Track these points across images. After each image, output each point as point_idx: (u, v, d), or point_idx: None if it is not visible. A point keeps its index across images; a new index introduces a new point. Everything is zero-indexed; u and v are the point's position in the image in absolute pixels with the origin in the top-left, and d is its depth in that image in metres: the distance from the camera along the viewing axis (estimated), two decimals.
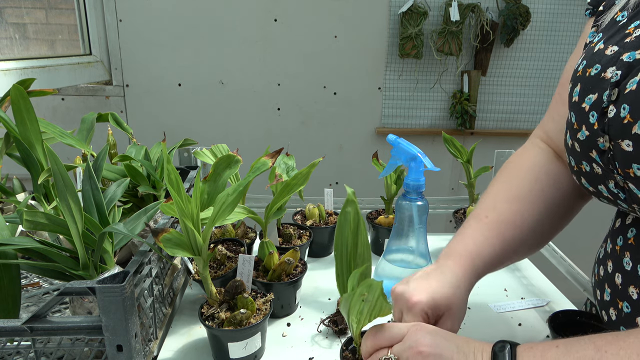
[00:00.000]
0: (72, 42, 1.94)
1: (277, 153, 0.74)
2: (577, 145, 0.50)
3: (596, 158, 0.48)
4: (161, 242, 0.58)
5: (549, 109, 0.68)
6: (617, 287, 0.52)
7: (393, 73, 2.10)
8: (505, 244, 0.59)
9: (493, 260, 0.59)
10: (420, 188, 0.77)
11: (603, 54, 0.49)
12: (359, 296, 0.47)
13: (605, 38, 0.51)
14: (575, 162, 0.52)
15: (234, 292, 0.66)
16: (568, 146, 0.53)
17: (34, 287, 0.80)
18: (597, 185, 0.51)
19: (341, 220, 0.52)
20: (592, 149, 0.48)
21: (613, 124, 0.44)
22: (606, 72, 0.47)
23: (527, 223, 0.60)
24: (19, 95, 0.68)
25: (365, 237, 0.52)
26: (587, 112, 0.48)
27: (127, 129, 0.93)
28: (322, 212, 1.03)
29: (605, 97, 0.46)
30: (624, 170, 0.44)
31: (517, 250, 0.61)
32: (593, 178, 0.50)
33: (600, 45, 0.50)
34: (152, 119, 2.09)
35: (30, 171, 0.74)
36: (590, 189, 0.52)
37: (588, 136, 0.48)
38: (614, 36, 0.49)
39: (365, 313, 0.49)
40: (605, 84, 0.46)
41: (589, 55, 0.51)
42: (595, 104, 0.47)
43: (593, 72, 0.48)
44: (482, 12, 1.97)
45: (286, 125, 2.16)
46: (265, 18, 2.01)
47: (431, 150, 2.19)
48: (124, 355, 0.52)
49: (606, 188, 0.49)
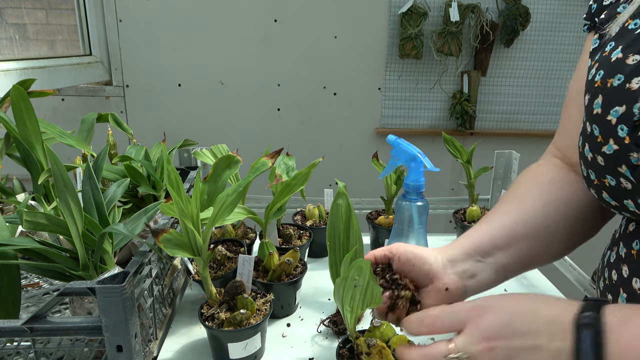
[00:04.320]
0: (72, 43, 1.94)
1: (277, 153, 0.74)
2: (600, 159, 0.49)
3: (626, 173, 0.46)
4: (161, 243, 0.58)
5: (560, 126, 0.66)
6: (634, 292, 0.50)
7: (393, 73, 2.10)
8: (495, 228, 0.58)
9: (480, 239, 0.57)
10: (420, 188, 0.77)
11: (624, 63, 0.47)
12: (350, 281, 0.47)
13: (623, 47, 0.49)
14: (596, 176, 0.50)
15: (234, 292, 0.66)
16: (587, 160, 0.51)
17: (34, 287, 0.80)
18: (622, 200, 0.49)
19: (333, 212, 0.53)
20: (622, 164, 0.46)
21: None
22: (631, 82, 0.45)
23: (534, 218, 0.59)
24: (19, 95, 0.68)
25: (357, 228, 0.53)
26: (615, 125, 0.46)
27: (127, 130, 0.93)
28: (322, 212, 1.03)
29: (637, 110, 0.44)
30: None
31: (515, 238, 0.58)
32: (619, 193, 0.49)
33: (619, 55, 0.48)
34: (152, 119, 2.09)
35: (30, 171, 0.74)
36: (613, 203, 0.50)
37: (617, 150, 0.46)
38: (633, 45, 0.48)
39: (358, 299, 0.49)
40: (633, 95, 0.44)
41: (606, 64, 0.49)
42: (625, 117, 0.45)
43: (615, 82, 0.47)
44: (482, 12, 1.97)
45: (286, 125, 2.16)
46: (265, 18, 2.01)
47: (431, 150, 2.19)
48: (123, 355, 0.51)
49: (634, 203, 0.48)
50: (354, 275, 0.47)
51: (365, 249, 0.58)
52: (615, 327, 0.38)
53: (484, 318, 0.42)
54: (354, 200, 1.14)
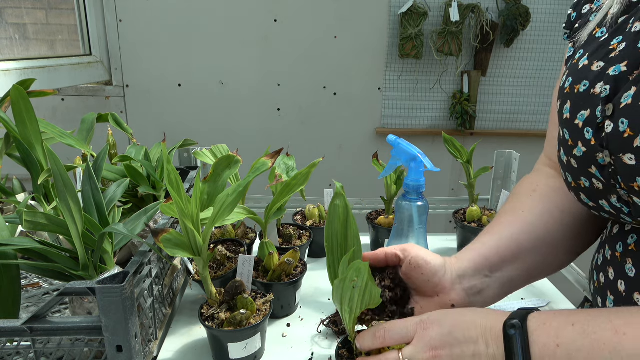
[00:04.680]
0: (72, 43, 1.94)
1: (277, 153, 0.74)
2: (573, 161, 0.51)
3: (596, 173, 0.48)
4: (161, 243, 0.58)
5: (548, 134, 0.68)
6: (620, 294, 0.51)
7: (393, 73, 2.10)
8: (501, 240, 0.59)
9: (487, 253, 0.58)
10: (420, 188, 0.77)
11: (589, 70, 0.49)
12: (349, 282, 0.47)
13: (589, 54, 0.51)
14: (572, 179, 0.52)
15: (234, 292, 0.66)
16: (563, 163, 0.53)
17: (34, 287, 0.80)
18: (597, 200, 0.51)
19: (330, 212, 0.53)
20: (591, 165, 0.48)
21: (612, 138, 0.44)
22: (595, 87, 0.47)
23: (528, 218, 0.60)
24: (19, 95, 0.68)
25: (355, 229, 0.53)
26: (581, 128, 0.48)
27: (127, 129, 0.93)
28: (322, 212, 1.03)
29: (599, 112, 0.46)
30: (627, 184, 0.44)
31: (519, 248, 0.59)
32: (593, 193, 0.50)
33: (585, 62, 0.51)
34: (152, 119, 2.09)
35: (30, 171, 0.74)
36: (591, 204, 0.52)
37: (585, 152, 0.48)
38: (598, 52, 0.50)
39: (357, 300, 0.50)
40: (596, 99, 0.47)
41: (574, 71, 0.52)
42: (589, 120, 0.47)
43: (582, 88, 0.49)
44: (482, 12, 1.97)
45: (286, 125, 2.16)
46: (265, 18, 2.01)
47: (431, 150, 2.19)
48: (123, 355, 0.51)
49: (608, 203, 0.49)
50: (352, 277, 0.47)
51: (365, 249, 0.58)
52: (535, 329, 0.43)
53: (429, 330, 0.48)
54: (353, 200, 1.14)
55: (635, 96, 0.43)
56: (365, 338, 0.52)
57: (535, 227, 0.60)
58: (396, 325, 0.50)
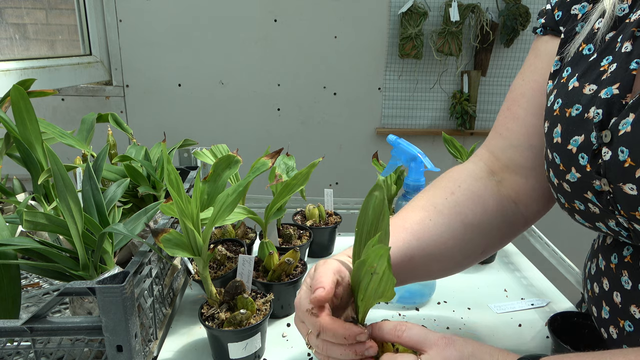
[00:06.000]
0: (72, 43, 1.94)
1: (277, 153, 0.74)
2: (566, 185, 0.50)
3: (592, 199, 0.47)
4: (161, 243, 0.58)
5: (495, 125, 0.65)
6: (616, 306, 0.51)
7: (393, 73, 2.10)
8: (398, 248, 0.57)
9: None
10: (420, 188, 0.77)
11: (581, 93, 0.48)
12: (368, 267, 0.46)
13: (579, 75, 0.49)
14: (565, 201, 0.51)
15: (234, 292, 0.66)
16: (554, 185, 0.52)
17: (34, 287, 0.80)
18: (594, 222, 0.50)
19: (366, 200, 0.51)
20: (587, 190, 0.47)
21: (612, 167, 0.43)
22: (589, 112, 0.46)
23: (432, 231, 0.58)
24: (19, 95, 0.68)
25: (387, 225, 0.51)
26: (575, 154, 0.47)
27: (127, 130, 0.93)
28: (322, 212, 1.03)
29: (594, 138, 0.45)
30: (628, 212, 0.43)
31: (413, 256, 0.58)
32: (589, 216, 0.50)
33: (575, 83, 0.49)
34: (152, 119, 2.09)
35: (30, 171, 0.74)
36: (587, 224, 0.51)
37: (580, 178, 0.47)
38: (588, 73, 0.48)
39: (370, 289, 0.48)
40: (590, 124, 0.45)
41: (564, 93, 0.50)
42: (584, 146, 0.46)
43: (574, 112, 0.48)
44: (482, 12, 1.97)
45: (286, 126, 2.16)
46: (265, 18, 2.01)
47: (431, 150, 2.19)
48: (123, 355, 0.52)
49: (605, 225, 0.48)
50: (372, 262, 0.46)
51: None
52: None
53: (448, 348, 0.47)
54: (353, 200, 1.14)
55: (634, 124, 0.41)
56: (387, 325, 0.51)
57: (431, 246, 0.58)
58: (418, 328, 0.50)
